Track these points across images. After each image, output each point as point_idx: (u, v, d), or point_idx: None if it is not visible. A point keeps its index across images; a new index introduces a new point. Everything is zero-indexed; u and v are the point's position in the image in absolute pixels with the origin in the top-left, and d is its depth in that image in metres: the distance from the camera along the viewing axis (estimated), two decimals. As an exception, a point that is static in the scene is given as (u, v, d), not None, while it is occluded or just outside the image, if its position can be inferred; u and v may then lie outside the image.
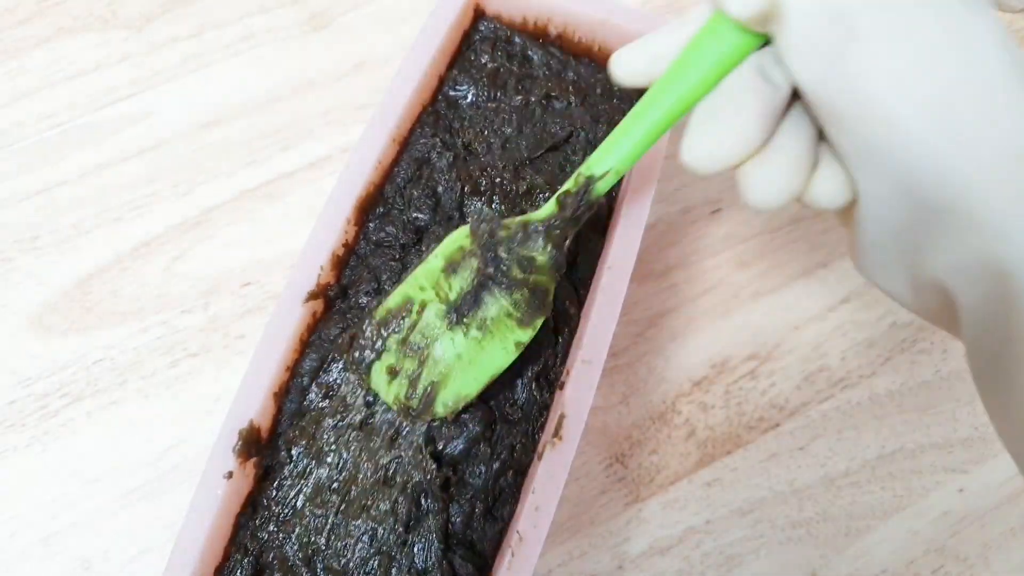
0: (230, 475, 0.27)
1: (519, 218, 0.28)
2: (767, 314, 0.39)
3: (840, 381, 0.38)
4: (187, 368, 0.37)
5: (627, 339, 0.39)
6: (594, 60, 0.37)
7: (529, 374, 0.31)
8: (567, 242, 0.28)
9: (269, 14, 0.45)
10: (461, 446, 0.30)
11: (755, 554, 0.35)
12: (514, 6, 0.37)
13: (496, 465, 0.30)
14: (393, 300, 0.29)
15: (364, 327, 0.29)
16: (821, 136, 0.23)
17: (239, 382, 0.29)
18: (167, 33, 0.45)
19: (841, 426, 0.37)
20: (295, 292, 0.30)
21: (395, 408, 0.29)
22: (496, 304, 0.28)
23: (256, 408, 0.29)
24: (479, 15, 0.37)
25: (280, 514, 0.29)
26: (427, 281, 0.28)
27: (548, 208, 0.27)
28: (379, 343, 0.29)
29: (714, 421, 0.37)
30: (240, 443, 0.28)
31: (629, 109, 0.27)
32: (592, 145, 0.35)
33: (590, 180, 0.26)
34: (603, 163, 0.25)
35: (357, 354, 0.29)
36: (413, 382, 0.28)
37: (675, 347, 0.39)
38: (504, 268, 0.27)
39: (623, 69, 0.25)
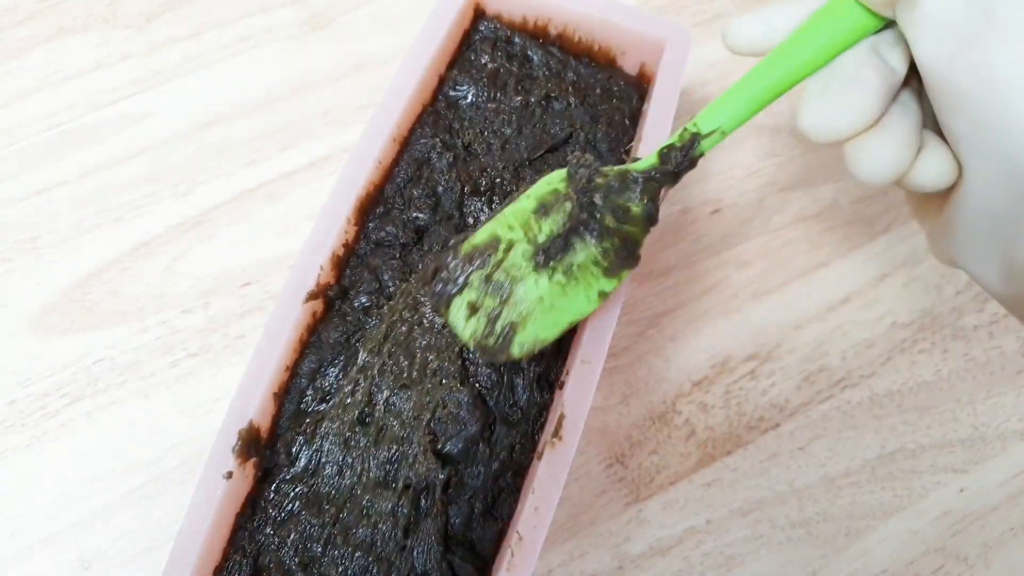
0: (230, 475, 0.27)
1: (618, 167, 0.27)
2: (767, 314, 0.39)
3: (840, 381, 0.38)
4: (187, 368, 0.37)
5: (627, 339, 0.39)
6: (594, 60, 0.37)
7: (529, 374, 0.31)
8: (663, 195, 0.28)
9: (269, 14, 0.45)
10: (460, 445, 0.30)
11: (755, 554, 0.35)
12: (514, 6, 0.37)
13: (495, 465, 0.30)
14: (480, 236, 0.28)
15: (448, 260, 0.28)
16: (928, 123, 0.24)
17: (239, 382, 0.29)
18: (167, 33, 0.45)
19: (841, 426, 0.37)
20: (295, 292, 0.30)
21: (471, 345, 0.28)
22: (585, 250, 0.27)
23: (256, 408, 0.29)
24: (479, 15, 0.37)
25: (278, 518, 0.29)
26: (517, 221, 0.28)
27: (649, 160, 0.27)
28: (462, 278, 0.27)
29: (714, 421, 0.37)
30: (239, 443, 0.28)
31: (628, 109, 0.27)
32: (592, 144, 0.35)
33: (696, 136, 0.26)
34: (712, 121, 0.26)
35: (439, 287, 0.28)
36: (492, 320, 0.27)
37: (675, 347, 0.39)
38: (598, 215, 0.27)
39: (740, 38, 0.26)
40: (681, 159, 0.26)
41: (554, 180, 0.28)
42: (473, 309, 0.27)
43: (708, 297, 0.40)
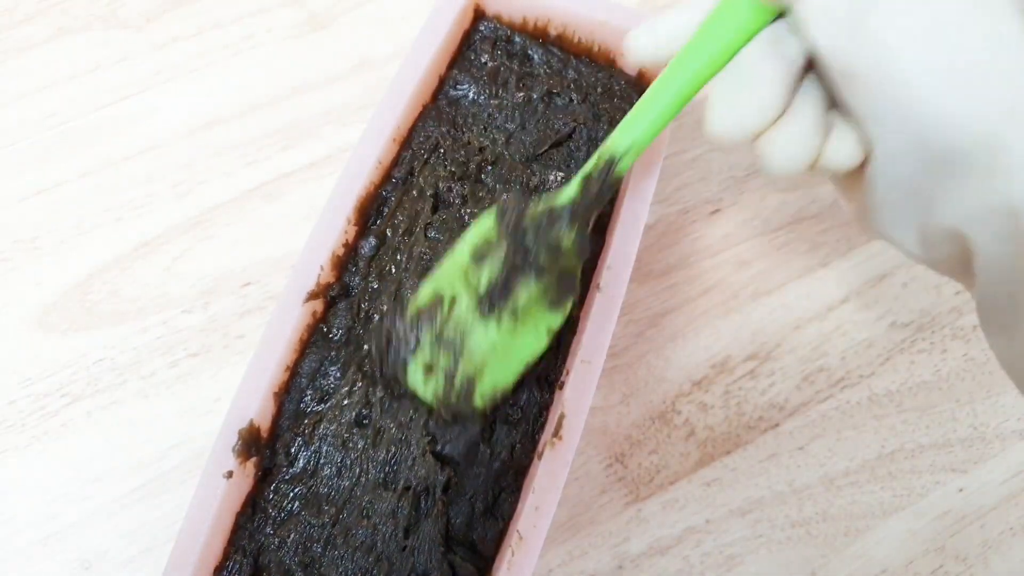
0: (230, 475, 0.27)
1: (543, 204, 0.28)
2: (767, 314, 0.40)
3: (840, 381, 0.38)
4: (187, 368, 0.37)
5: (627, 339, 0.39)
6: (594, 60, 0.37)
7: (529, 374, 0.31)
8: (591, 224, 0.28)
9: (269, 14, 0.45)
10: (460, 447, 0.30)
11: (755, 554, 0.35)
12: (514, 7, 0.37)
13: (496, 465, 0.30)
14: (423, 297, 0.29)
15: (396, 326, 0.29)
16: (830, 105, 0.24)
17: (239, 382, 0.29)
18: (167, 33, 0.45)
19: (841, 426, 0.38)
20: (295, 292, 0.30)
21: (435, 405, 0.28)
22: (526, 291, 0.28)
23: (256, 408, 0.29)
24: (479, 16, 0.37)
25: (278, 518, 0.29)
26: (455, 274, 0.28)
27: (571, 191, 0.28)
28: (412, 342, 0.28)
29: (714, 421, 0.37)
30: (240, 443, 0.28)
31: (630, 108, 0.27)
32: (595, 142, 0.35)
33: (611, 160, 0.27)
34: (623, 141, 0.26)
35: (393, 356, 0.28)
36: (450, 378, 0.28)
37: (675, 347, 0.39)
38: (532, 255, 0.27)
39: (638, 50, 0.26)
40: (601, 185, 0.27)
41: (484, 227, 0.28)
42: (429, 370, 0.28)
43: (708, 297, 0.40)
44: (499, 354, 0.28)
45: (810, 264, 0.41)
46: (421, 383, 0.28)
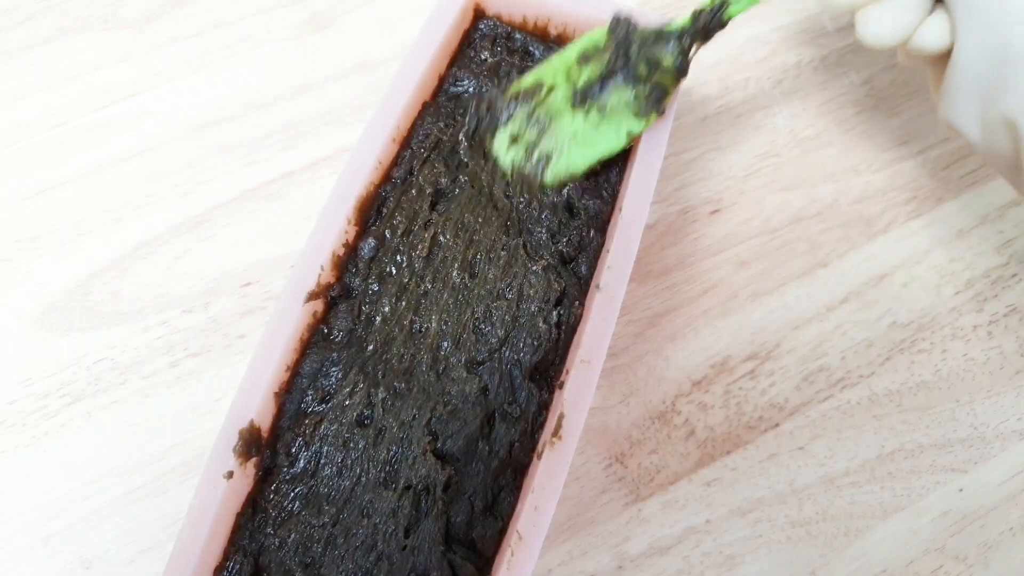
0: (230, 475, 0.27)
1: (654, 26, 0.32)
2: (767, 314, 0.40)
3: (840, 381, 0.38)
4: (187, 368, 0.37)
5: (627, 339, 0.39)
6: (594, 60, 0.37)
7: (528, 371, 0.31)
8: (694, 52, 0.31)
9: (269, 14, 0.45)
10: (460, 443, 0.30)
11: (755, 554, 0.35)
12: (514, 7, 0.37)
13: (495, 463, 0.30)
14: (526, 80, 0.32)
15: (496, 98, 0.32)
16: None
17: (239, 382, 0.29)
18: (167, 33, 0.45)
19: (841, 426, 0.38)
20: (295, 292, 0.30)
21: (510, 172, 0.32)
22: (618, 94, 0.31)
23: (256, 408, 0.29)
24: (479, 15, 0.37)
25: (278, 518, 0.29)
26: (560, 68, 0.32)
27: (681, 22, 0.31)
28: (507, 113, 0.32)
29: (714, 421, 0.37)
30: (240, 443, 0.28)
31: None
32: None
33: (724, 1, 0.30)
34: None
35: (487, 119, 0.32)
36: (530, 151, 0.31)
37: (675, 347, 0.39)
38: (632, 64, 0.31)
39: None
40: (711, 19, 0.30)
41: (596, 34, 0.32)
42: (514, 140, 0.32)
43: (707, 297, 0.40)
44: (579, 142, 0.31)
45: (810, 264, 0.41)
46: (504, 150, 0.32)
